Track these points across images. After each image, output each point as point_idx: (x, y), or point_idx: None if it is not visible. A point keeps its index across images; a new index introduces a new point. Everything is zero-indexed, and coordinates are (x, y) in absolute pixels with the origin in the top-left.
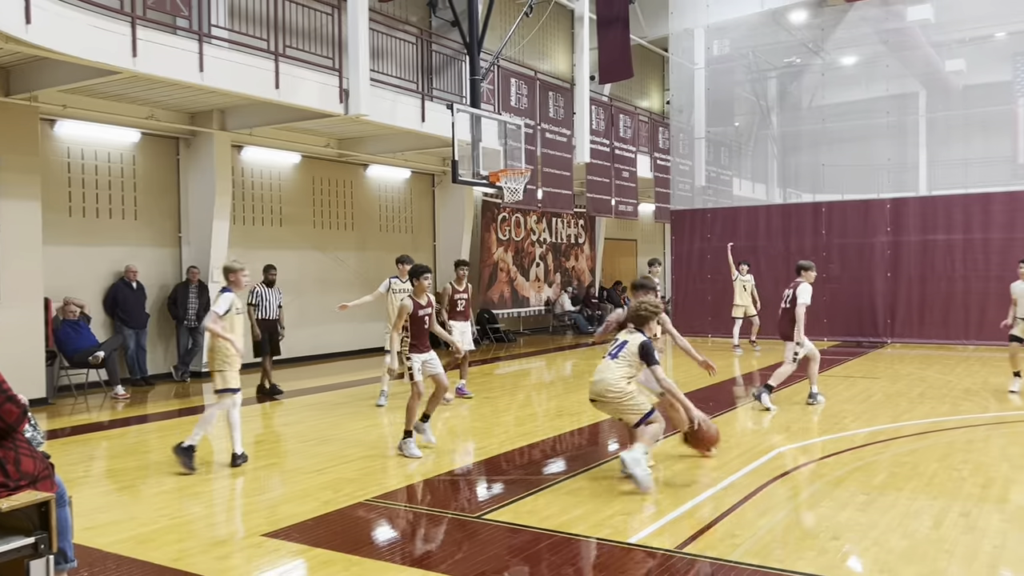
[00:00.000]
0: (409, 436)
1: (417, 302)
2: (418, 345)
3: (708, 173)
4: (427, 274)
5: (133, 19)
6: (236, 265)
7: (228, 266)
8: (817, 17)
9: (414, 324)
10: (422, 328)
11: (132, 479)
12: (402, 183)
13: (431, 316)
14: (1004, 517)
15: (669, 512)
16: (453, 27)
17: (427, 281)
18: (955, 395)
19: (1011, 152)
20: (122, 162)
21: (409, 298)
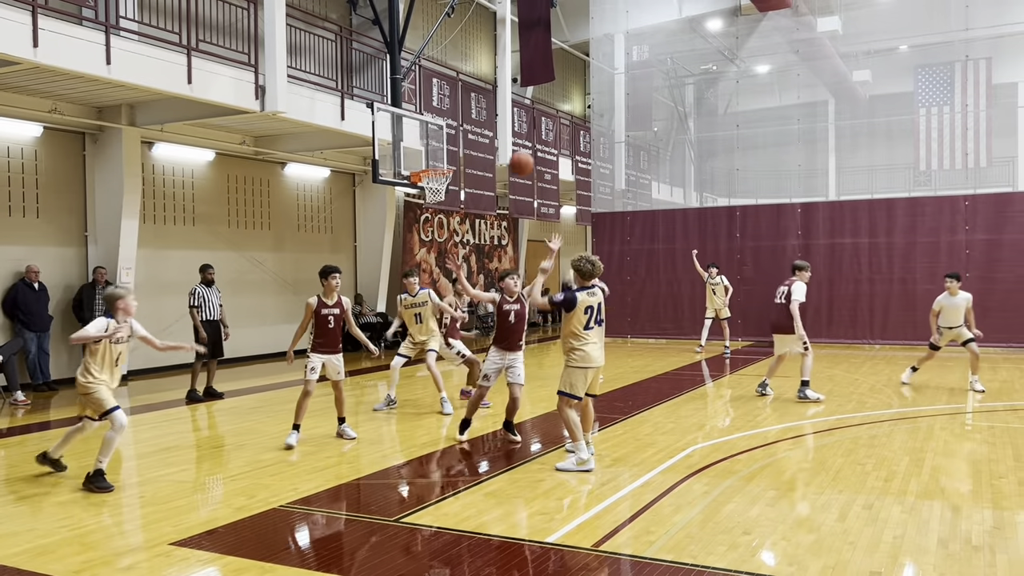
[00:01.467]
0: (296, 430)
1: (323, 301)
2: (322, 345)
3: (628, 177)
4: (335, 274)
5: (34, 7)
6: (119, 292)
7: (112, 294)
8: (732, 26)
9: (317, 323)
10: (326, 328)
11: (32, 489)
12: (321, 182)
13: (338, 317)
14: (904, 508)
15: (586, 511)
16: (374, 25)
17: (335, 281)
18: (860, 393)
19: (913, 160)
20: (23, 157)
21: (315, 296)
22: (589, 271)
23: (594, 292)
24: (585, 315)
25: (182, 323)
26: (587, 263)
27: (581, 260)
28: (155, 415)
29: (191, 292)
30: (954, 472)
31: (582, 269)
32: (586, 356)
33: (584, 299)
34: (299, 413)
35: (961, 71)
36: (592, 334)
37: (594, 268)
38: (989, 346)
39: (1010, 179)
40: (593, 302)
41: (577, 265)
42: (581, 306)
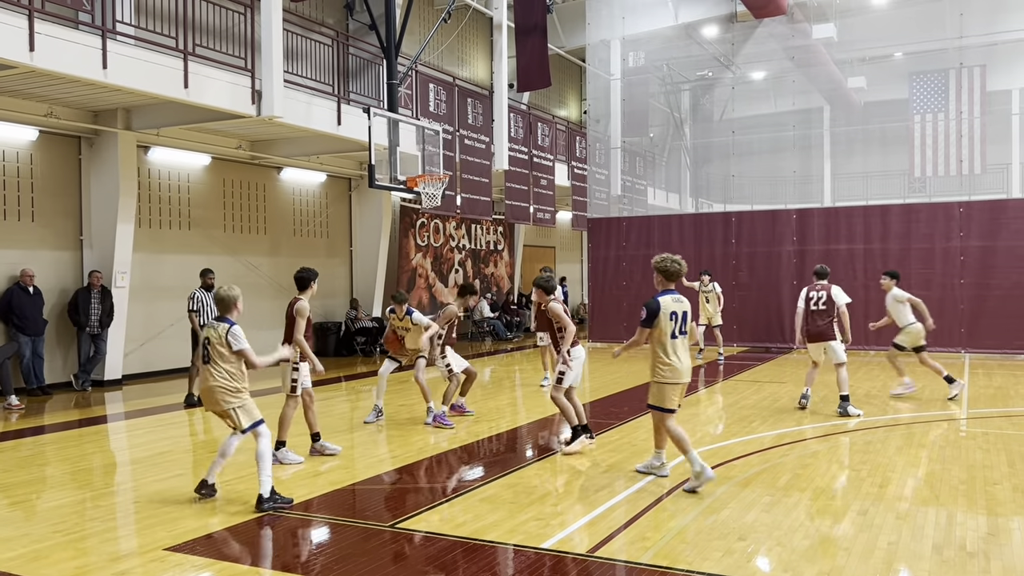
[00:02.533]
0: (283, 445)
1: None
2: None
3: (623, 182)
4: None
5: (31, 11)
6: (236, 292)
7: (230, 295)
8: (728, 32)
9: (308, 328)
10: (311, 333)
11: (26, 494)
12: (317, 187)
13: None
14: (898, 515)
15: (582, 517)
16: (370, 30)
17: (315, 287)
18: (856, 399)
19: (908, 166)
20: (18, 161)
21: (307, 302)
22: (676, 271)
23: (679, 299)
24: (671, 322)
25: (178, 327)
26: (673, 263)
27: (666, 260)
28: (151, 419)
29: (190, 296)
30: (948, 478)
31: (668, 269)
32: (674, 370)
33: (668, 304)
34: (287, 428)
35: (955, 78)
36: (678, 344)
37: (681, 268)
38: (983, 352)
39: (1004, 186)
40: (678, 308)
41: (662, 266)
42: (665, 312)
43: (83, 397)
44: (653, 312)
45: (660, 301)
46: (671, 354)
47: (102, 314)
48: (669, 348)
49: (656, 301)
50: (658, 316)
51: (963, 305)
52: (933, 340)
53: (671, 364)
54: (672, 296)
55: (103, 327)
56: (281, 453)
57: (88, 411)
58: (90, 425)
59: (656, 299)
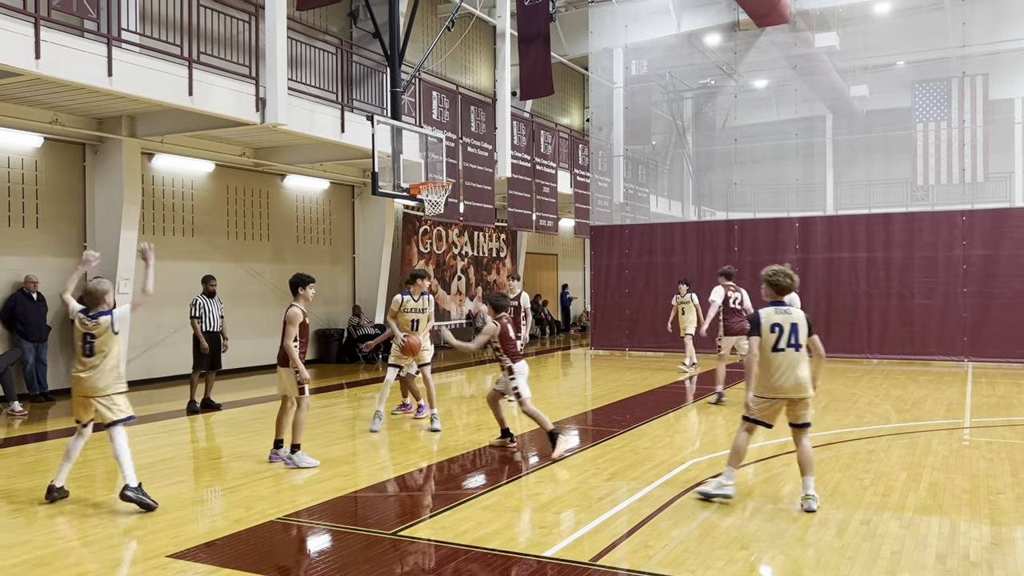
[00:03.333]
0: (298, 448)
1: (304, 311)
2: (304, 356)
3: (626, 190)
4: (312, 284)
5: (37, 19)
6: (100, 286)
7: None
8: (730, 40)
9: (303, 334)
10: (308, 339)
11: (28, 500)
12: (320, 194)
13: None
14: (902, 524)
15: (585, 525)
16: (374, 38)
17: (312, 291)
18: (859, 407)
19: (910, 175)
20: (23, 168)
21: (300, 309)
22: (788, 285)
23: (787, 311)
24: (772, 333)
25: (180, 334)
26: (785, 276)
27: (777, 273)
28: (153, 426)
29: (192, 303)
30: (952, 487)
31: (779, 283)
32: (770, 385)
33: (770, 316)
34: (301, 431)
35: (958, 87)
36: (780, 357)
37: (792, 282)
38: (986, 361)
39: (1007, 194)
40: (782, 320)
41: (773, 279)
42: (766, 324)
43: None
44: (755, 324)
45: (760, 313)
46: (770, 367)
47: None
48: (767, 359)
49: (757, 315)
50: (760, 327)
51: (966, 314)
52: (936, 348)
53: (766, 376)
54: (776, 308)
55: None
56: (298, 457)
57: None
58: (92, 431)
59: (757, 313)
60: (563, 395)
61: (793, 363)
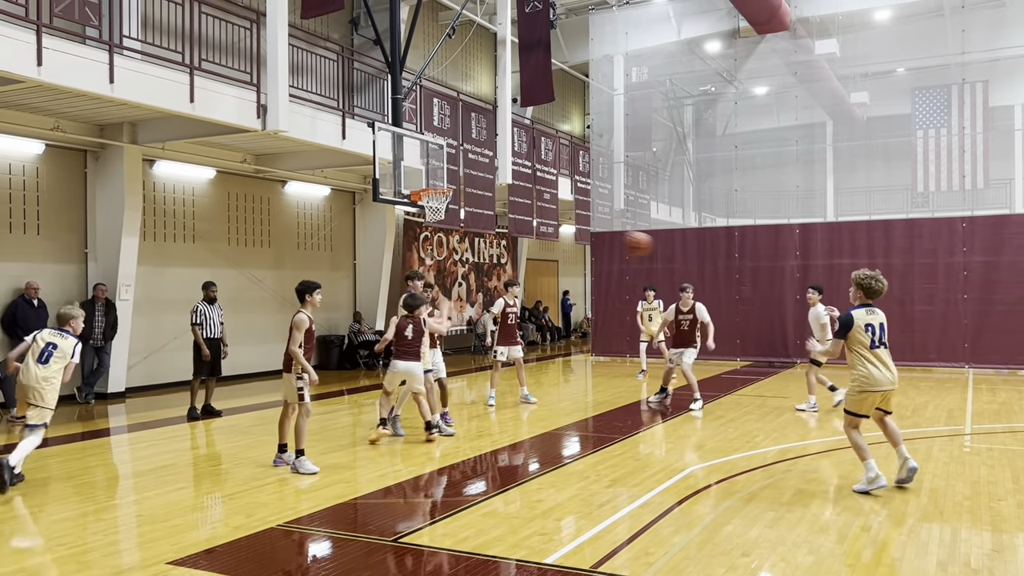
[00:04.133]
0: (302, 454)
1: (311, 318)
2: (308, 362)
3: (627, 196)
4: (319, 290)
5: (38, 27)
6: (73, 312)
7: (66, 312)
8: (731, 48)
9: (309, 340)
10: (313, 344)
11: (29, 506)
12: (321, 200)
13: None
14: (902, 531)
15: (585, 531)
16: (375, 45)
17: (319, 297)
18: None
19: (910, 181)
20: (24, 174)
21: (307, 315)
22: (879, 289)
23: (874, 311)
24: (867, 333)
25: (181, 340)
26: (876, 282)
27: (869, 278)
28: (153, 432)
29: (193, 310)
30: (953, 494)
31: (871, 288)
32: (869, 378)
33: (862, 316)
34: (304, 436)
35: (958, 94)
36: (880, 353)
37: (883, 287)
38: (987, 367)
39: (1007, 201)
40: (873, 320)
41: (865, 283)
42: (860, 324)
43: (86, 410)
44: (846, 326)
45: (852, 315)
46: (867, 363)
47: (106, 327)
48: (866, 357)
49: (849, 316)
50: (851, 329)
51: (966, 320)
52: (936, 355)
53: (864, 371)
54: (866, 309)
55: (107, 340)
56: (299, 462)
57: (91, 424)
58: (93, 438)
59: (849, 315)
60: (564, 401)
61: (882, 358)
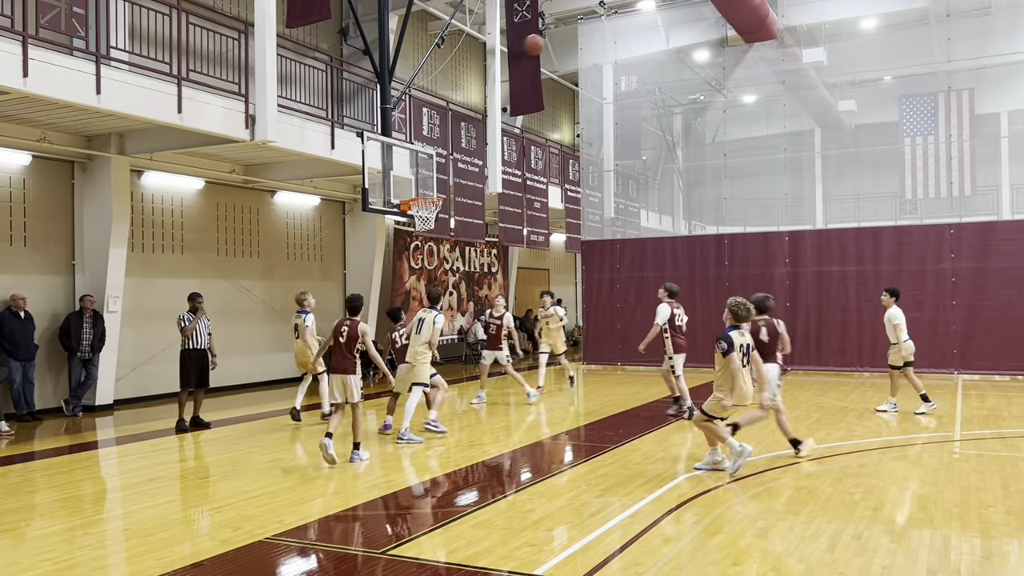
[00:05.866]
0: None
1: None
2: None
3: (617, 205)
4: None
5: (24, 38)
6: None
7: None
8: (719, 56)
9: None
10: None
11: (14, 521)
12: (311, 210)
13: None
14: (893, 538)
15: (576, 542)
16: (364, 55)
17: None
18: (850, 420)
19: (898, 189)
20: (10, 186)
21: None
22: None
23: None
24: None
25: (169, 352)
26: (745, 308)
27: (739, 305)
28: (142, 445)
29: (180, 318)
30: (942, 501)
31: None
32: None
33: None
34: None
35: (944, 101)
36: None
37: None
38: (976, 373)
39: (994, 208)
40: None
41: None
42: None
43: (74, 423)
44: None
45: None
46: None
47: (94, 339)
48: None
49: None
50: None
51: (955, 326)
52: (926, 361)
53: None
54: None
55: (95, 352)
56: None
57: (79, 437)
58: (80, 451)
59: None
60: (555, 410)
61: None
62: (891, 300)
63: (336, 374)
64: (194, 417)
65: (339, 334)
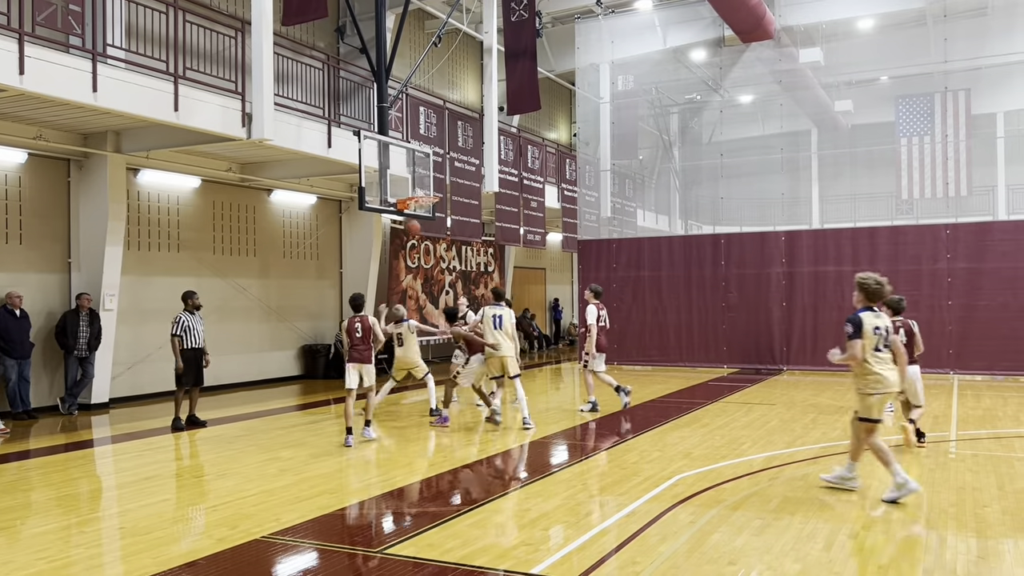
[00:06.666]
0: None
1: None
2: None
3: (613, 204)
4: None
5: (20, 35)
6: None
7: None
8: (716, 56)
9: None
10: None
11: (10, 520)
12: (308, 209)
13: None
14: (889, 538)
15: (572, 541)
16: (361, 54)
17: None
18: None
19: (895, 189)
20: (6, 184)
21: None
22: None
23: (879, 314)
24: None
25: (165, 350)
26: (876, 283)
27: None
28: (138, 443)
29: (175, 320)
30: (938, 501)
31: (869, 288)
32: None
33: (869, 320)
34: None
35: (941, 102)
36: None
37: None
38: (971, 374)
39: (990, 208)
40: (880, 323)
41: (864, 284)
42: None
43: (69, 421)
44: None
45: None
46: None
47: (90, 337)
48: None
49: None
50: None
51: (951, 327)
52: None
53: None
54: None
55: (91, 350)
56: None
57: (74, 435)
58: (76, 449)
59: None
60: (552, 410)
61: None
62: None
63: (355, 363)
64: (190, 416)
65: (355, 330)
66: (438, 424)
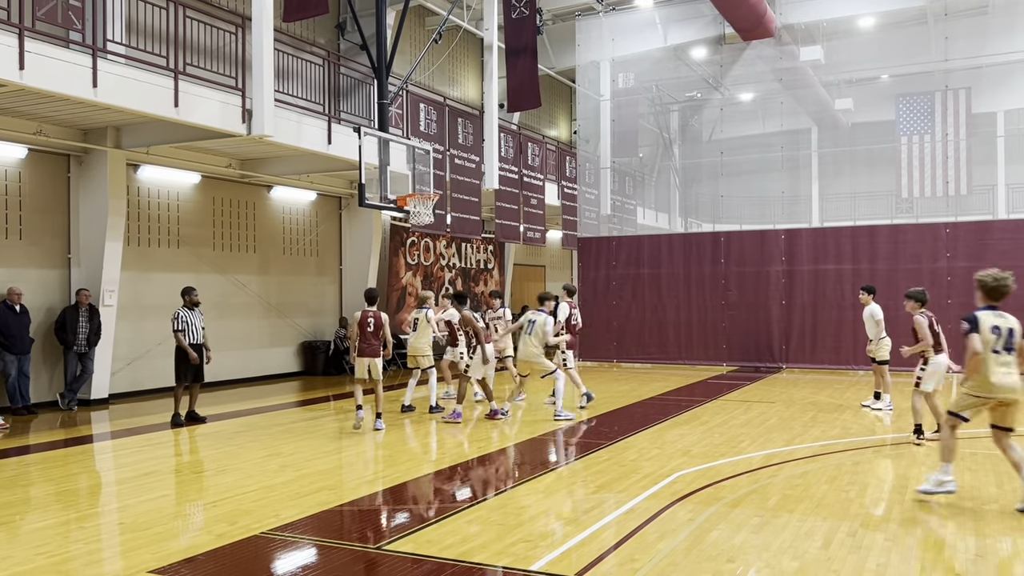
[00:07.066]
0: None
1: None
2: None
3: (613, 202)
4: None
5: (21, 30)
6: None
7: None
8: (717, 54)
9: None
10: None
11: (9, 515)
12: (307, 205)
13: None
14: (887, 536)
15: (571, 538)
16: (362, 50)
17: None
18: (845, 418)
19: (895, 187)
20: (6, 179)
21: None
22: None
23: (1003, 315)
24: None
25: (165, 346)
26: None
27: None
28: (137, 439)
29: (174, 316)
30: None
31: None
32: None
33: (988, 319)
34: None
35: (941, 100)
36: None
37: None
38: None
39: (990, 207)
40: (1000, 323)
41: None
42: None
43: (69, 416)
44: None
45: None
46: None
47: (90, 333)
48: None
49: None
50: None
51: (950, 325)
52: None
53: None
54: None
55: (90, 346)
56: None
57: (74, 431)
58: (75, 445)
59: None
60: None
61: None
62: (868, 298)
63: (365, 357)
64: (190, 411)
65: (366, 324)
66: (451, 419)
